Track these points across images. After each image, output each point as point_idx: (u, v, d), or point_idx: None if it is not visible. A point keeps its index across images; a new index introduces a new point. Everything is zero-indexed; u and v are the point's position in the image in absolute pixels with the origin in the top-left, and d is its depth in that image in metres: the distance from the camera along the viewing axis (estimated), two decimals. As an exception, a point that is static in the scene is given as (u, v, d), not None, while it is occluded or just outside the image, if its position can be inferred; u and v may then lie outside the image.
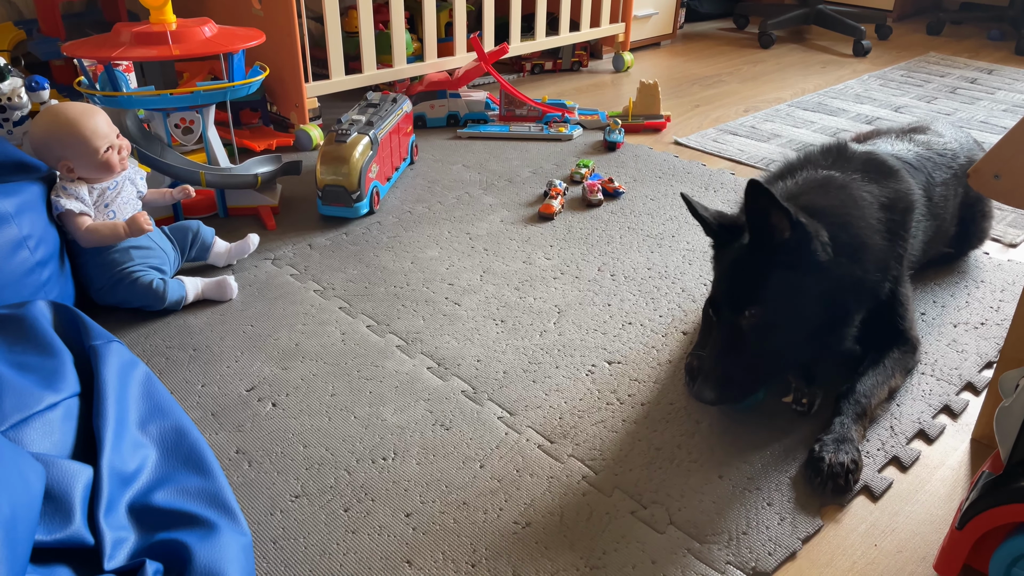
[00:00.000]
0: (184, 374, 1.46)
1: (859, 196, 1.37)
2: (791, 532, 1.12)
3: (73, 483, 0.85)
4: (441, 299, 1.71)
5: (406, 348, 1.54)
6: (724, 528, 1.13)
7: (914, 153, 1.58)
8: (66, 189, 1.55)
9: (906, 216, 1.41)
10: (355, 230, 2.01)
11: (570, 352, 1.53)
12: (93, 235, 1.56)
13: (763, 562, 1.07)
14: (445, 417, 1.35)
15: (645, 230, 2.01)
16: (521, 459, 1.26)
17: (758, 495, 1.18)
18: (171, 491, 0.93)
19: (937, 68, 3.57)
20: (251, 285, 1.76)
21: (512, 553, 1.09)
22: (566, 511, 1.16)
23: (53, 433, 0.92)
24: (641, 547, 1.10)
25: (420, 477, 1.22)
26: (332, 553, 1.09)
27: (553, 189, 2.14)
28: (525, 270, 1.83)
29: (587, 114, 2.76)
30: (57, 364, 1.00)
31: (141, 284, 1.59)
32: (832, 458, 1.19)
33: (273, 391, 1.42)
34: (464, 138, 2.65)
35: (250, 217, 2.07)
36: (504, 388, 1.43)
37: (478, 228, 2.03)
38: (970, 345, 1.54)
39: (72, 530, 0.82)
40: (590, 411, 1.37)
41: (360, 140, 2.02)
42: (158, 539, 0.86)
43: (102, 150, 1.55)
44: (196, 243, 1.77)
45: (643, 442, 1.30)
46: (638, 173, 2.36)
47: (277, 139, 2.49)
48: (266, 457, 1.26)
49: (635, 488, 1.20)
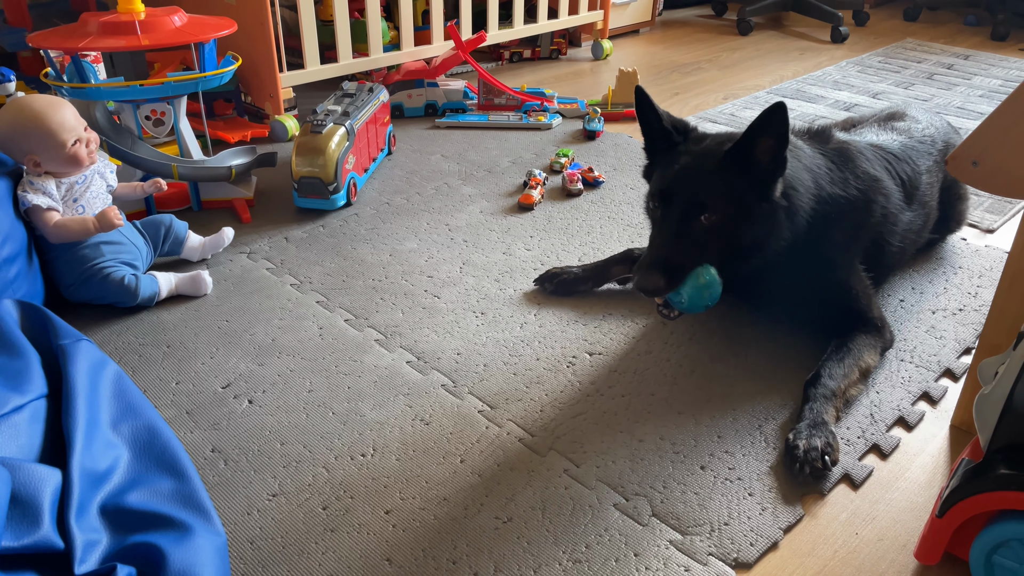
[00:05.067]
0: (158, 372, 1.43)
1: (810, 174, 1.40)
2: (773, 522, 1.12)
3: (41, 487, 0.82)
4: (420, 292, 1.69)
5: (385, 342, 1.52)
6: (706, 519, 1.12)
7: (898, 143, 1.59)
8: (33, 184, 1.51)
9: (850, 215, 1.44)
10: (332, 222, 1.99)
11: (551, 344, 1.52)
12: (62, 231, 1.52)
13: (745, 553, 1.07)
14: (425, 412, 1.34)
15: (625, 219, 2.00)
16: (502, 453, 1.25)
17: (740, 485, 1.18)
18: (144, 492, 0.91)
19: (914, 54, 3.59)
20: (226, 280, 1.73)
21: (494, 548, 1.08)
22: (548, 505, 1.15)
23: (19, 436, 0.89)
24: (623, 540, 1.09)
25: (400, 473, 1.21)
26: (311, 552, 1.07)
27: (533, 179, 2.12)
28: (505, 261, 1.81)
29: (566, 103, 2.74)
30: (23, 365, 0.97)
31: (112, 280, 1.56)
32: (806, 444, 1.19)
33: (249, 388, 1.39)
34: (442, 128, 2.62)
35: (224, 210, 2.03)
36: (484, 381, 1.41)
37: (457, 219, 2.01)
38: (948, 331, 1.54)
39: (40, 535, 0.80)
40: (571, 403, 1.36)
41: (336, 131, 1.99)
42: (131, 542, 0.84)
43: (69, 143, 1.51)
44: (169, 237, 1.74)
45: (625, 434, 1.29)
46: (618, 162, 2.34)
47: (251, 130, 2.45)
48: (242, 455, 1.24)
49: (617, 480, 1.19)
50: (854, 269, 1.44)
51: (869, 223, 1.45)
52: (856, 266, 1.44)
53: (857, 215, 1.43)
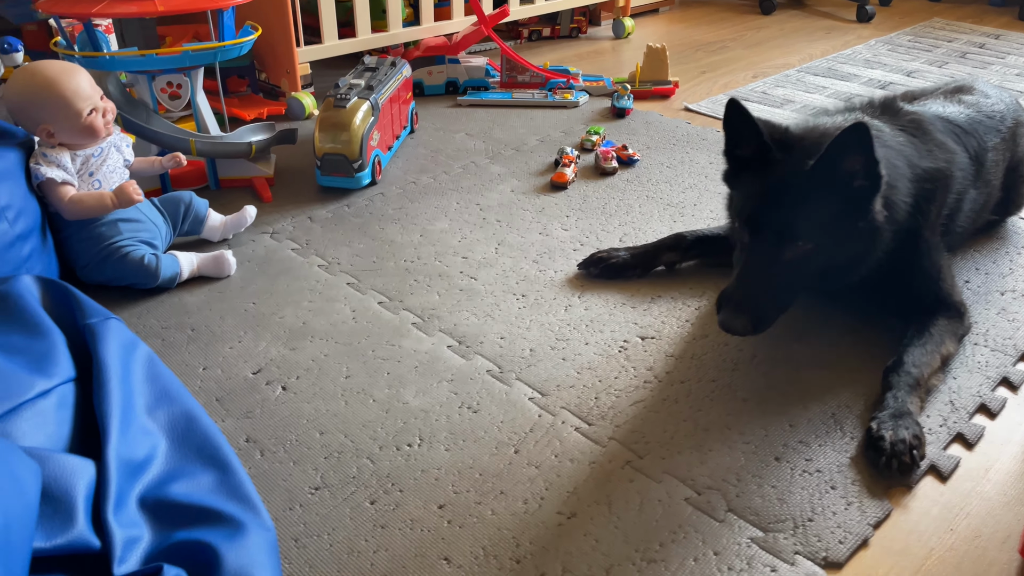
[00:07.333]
0: (183, 356, 1.34)
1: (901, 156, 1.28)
2: (860, 518, 1.03)
3: (74, 480, 0.73)
4: (456, 273, 1.60)
5: (423, 325, 1.43)
6: (788, 515, 1.03)
7: (965, 116, 1.49)
8: (46, 156, 1.41)
9: (944, 186, 1.34)
10: (357, 202, 1.89)
11: (599, 328, 1.43)
12: (77, 206, 1.42)
13: (834, 551, 0.98)
14: (471, 399, 1.25)
15: (664, 199, 1.91)
16: (559, 443, 1.16)
17: (820, 478, 1.09)
18: (186, 484, 0.82)
19: (943, 33, 3.48)
20: (250, 261, 1.64)
21: (559, 547, 0.99)
22: (614, 499, 1.06)
23: (47, 424, 0.80)
24: (700, 537, 1.00)
25: (451, 465, 1.12)
26: (361, 551, 0.98)
27: (565, 157, 2.02)
28: (542, 242, 1.72)
29: (592, 80, 2.64)
30: (48, 346, 0.88)
31: (132, 260, 1.46)
32: (892, 436, 1.10)
33: (282, 373, 1.30)
34: (465, 106, 2.52)
35: (243, 190, 1.93)
36: (532, 367, 1.32)
37: (488, 199, 1.91)
38: (1020, 313, 1.45)
39: (75, 534, 0.71)
40: (627, 390, 1.27)
41: (361, 105, 1.89)
42: (177, 539, 0.75)
43: (85, 112, 1.41)
44: (189, 216, 1.64)
45: (688, 423, 1.20)
46: (651, 140, 2.25)
47: (268, 107, 2.35)
48: (279, 446, 1.15)
49: (686, 473, 1.10)
50: (940, 248, 1.35)
51: (948, 199, 1.36)
52: (941, 245, 1.35)
53: (942, 190, 1.33)
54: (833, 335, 1.40)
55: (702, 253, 1.59)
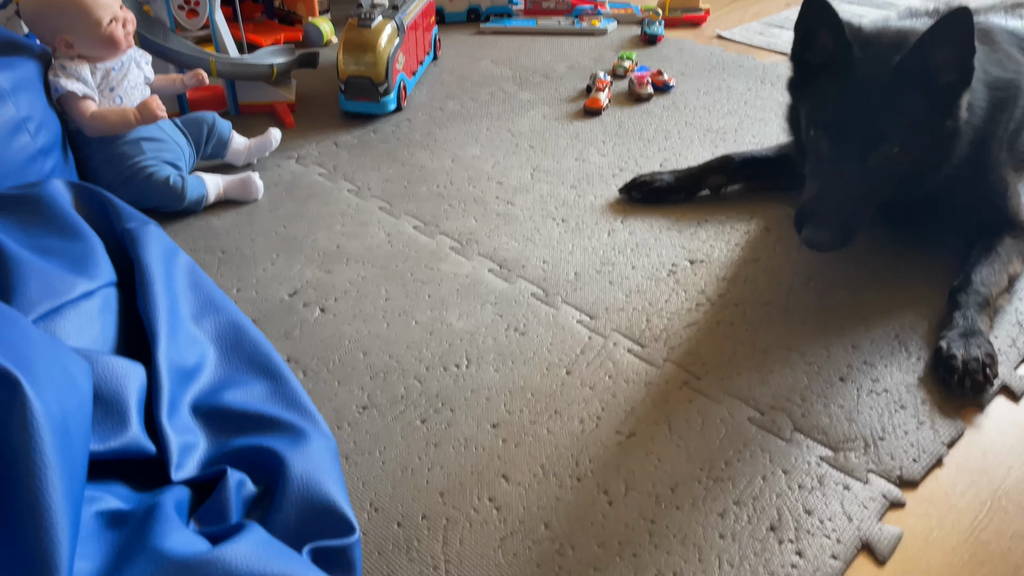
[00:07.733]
0: (215, 277, 1.28)
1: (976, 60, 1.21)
2: (934, 437, 0.99)
3: (125, 383, 0.68)
4: (491, 198, 1.53)
5: (461, 250, 1.37)
6: (857, 434, 0.99)
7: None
8: (65, 68, 1.34)
9: (1014, 97, 1.27)
10: (383, 128, 1.82)
11: (645, 251, 1.37)
12: (100, 122, 1.35)
13: (908, 469, 0.94)
14: (518, 321, 1.20)
15: (704, 124, 1.83)
16: (612, 364, 1.12)
17: (888, 398, 1.05)
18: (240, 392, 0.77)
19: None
20: (276, 185, 1.58)
21: (621, 465, 0.95)
22: (673, 419, 1.02)
23: (91, 326, 0.75)
24: (767, 456, 0.96)
25: (501, 385, 1.08)
26: (415, 468, 0.94)
27: (599, 82, 1.94)
28: (579, 167, 1.65)
29: (620, 7, 2.53)
30: (86, 248, 0.83)
31: (156, 180, 1.40)
32: (964, 354, 1.06)
33: (319, 296, 1.25)
34: (488, 33, 2.42)
35: (264, 115, 1.86)
36: (579, 290, 1.27)
37: (519, 125, 1.84)
38: (1084, 238, 1.39)
39: (129, 437, 0.67)
40: (679, 313, 1.22)
41: (386, 25, 1.81)
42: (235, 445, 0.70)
43: (105, 21, 1.34)
44: (212, 138, 1.57)
45: (745, 344, 1.15)
46: (685, 67, 2.16)
47: (284, 33, 2.26)
48: (322, 366, 1.10)
49: (748, 393, 1.06)
50: (1007, 165, 1.28)
51: (1016, 113, 1.29)
52: (1008, 162, 1.28)
53: (1012, 100, 1.26)
54: (889, 256, 1.34)
55: (750, 176, 1.52)
